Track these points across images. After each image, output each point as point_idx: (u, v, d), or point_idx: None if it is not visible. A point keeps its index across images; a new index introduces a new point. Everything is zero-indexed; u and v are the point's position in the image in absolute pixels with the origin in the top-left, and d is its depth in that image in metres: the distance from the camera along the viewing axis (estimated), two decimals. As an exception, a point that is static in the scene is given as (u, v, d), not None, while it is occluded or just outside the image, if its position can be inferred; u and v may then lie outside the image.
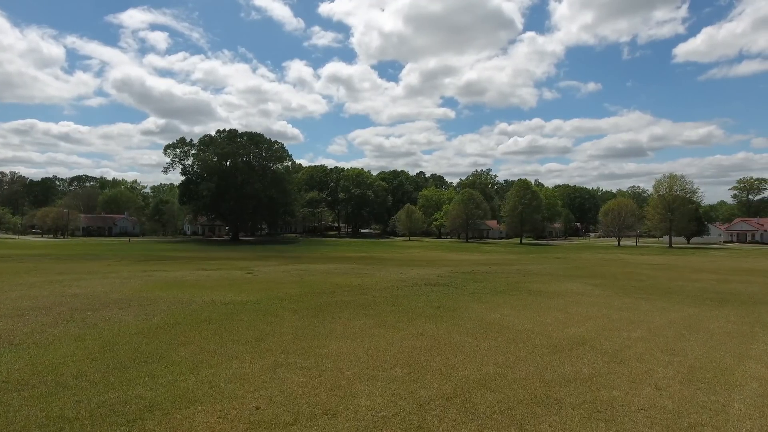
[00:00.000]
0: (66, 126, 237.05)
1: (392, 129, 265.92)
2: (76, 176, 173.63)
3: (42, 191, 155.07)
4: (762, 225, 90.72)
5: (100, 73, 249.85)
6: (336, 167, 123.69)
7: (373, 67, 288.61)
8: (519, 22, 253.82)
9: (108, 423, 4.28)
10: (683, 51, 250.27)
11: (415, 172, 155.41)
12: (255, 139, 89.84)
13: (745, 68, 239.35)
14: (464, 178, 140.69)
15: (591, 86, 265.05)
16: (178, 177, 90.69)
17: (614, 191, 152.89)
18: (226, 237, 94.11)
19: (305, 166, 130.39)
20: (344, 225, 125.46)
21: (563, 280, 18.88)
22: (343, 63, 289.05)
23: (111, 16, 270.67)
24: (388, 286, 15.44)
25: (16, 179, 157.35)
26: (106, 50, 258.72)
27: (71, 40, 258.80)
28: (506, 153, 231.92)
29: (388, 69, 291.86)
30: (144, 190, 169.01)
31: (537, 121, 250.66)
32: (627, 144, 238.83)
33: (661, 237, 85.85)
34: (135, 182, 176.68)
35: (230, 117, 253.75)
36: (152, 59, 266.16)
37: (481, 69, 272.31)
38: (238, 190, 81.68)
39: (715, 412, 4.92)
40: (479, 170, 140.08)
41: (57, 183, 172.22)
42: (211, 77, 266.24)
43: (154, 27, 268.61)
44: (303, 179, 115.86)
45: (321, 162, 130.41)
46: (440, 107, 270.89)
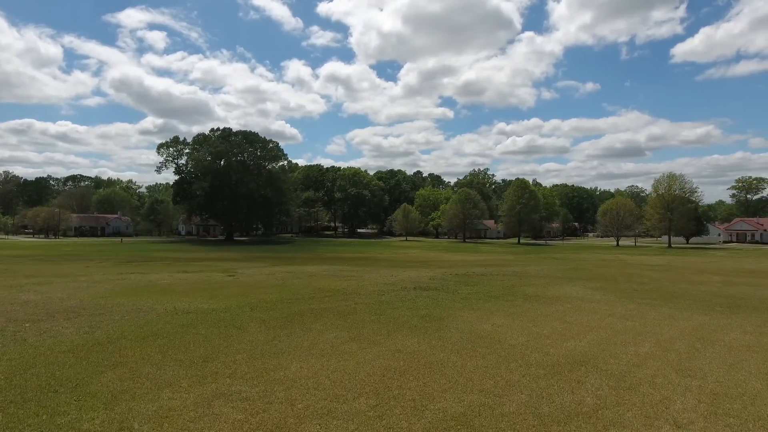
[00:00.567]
0: (64, 126, 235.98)
1: (391, 129, 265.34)
2: (71, 176, 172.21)
3: (36, 191, 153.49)
4: (762, 225, 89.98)
5: (98, 73, 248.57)
6: (332, 166, 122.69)
7: (372, 67, 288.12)
8: (518, 22, 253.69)
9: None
10: (681, 51, 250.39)
11: (413, 172, 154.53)
12: (249, 138, 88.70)
13: (743, 68, 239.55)
14: (462, 178, 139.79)
15: (589, 86, 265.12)
16: (174, 177, 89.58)
17: (612, 191, 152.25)
18: (221, 237, 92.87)
19: (301, 166, 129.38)
20: (341, 225, 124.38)
21: (561, 283, 17.86)
22: (342, 63, 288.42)
23: (109, 16, 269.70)
24: (374, 291, 14.39)
25: (10, 179, 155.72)
26: (104, 50, 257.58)
27: (69, 40, 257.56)
28: (504, 153, 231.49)
29: (387, 69, 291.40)
30: (140, 190, 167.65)
31: (535, 121, 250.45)
32: (625, 144, 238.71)
33: (660, 237, 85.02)
34: (130, 182, 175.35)
35: (228, 117, 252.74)
36: (150, 59, 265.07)
37: (480, 69, 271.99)
38: (232, 190, 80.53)
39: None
40: (477, 170, 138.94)
41: (52, 183, 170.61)
42: (210, 77, 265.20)
43: (152, 26, 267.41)
44: (299, 178, 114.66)
45: (319, 162, 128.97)
46: (439, 107, 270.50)
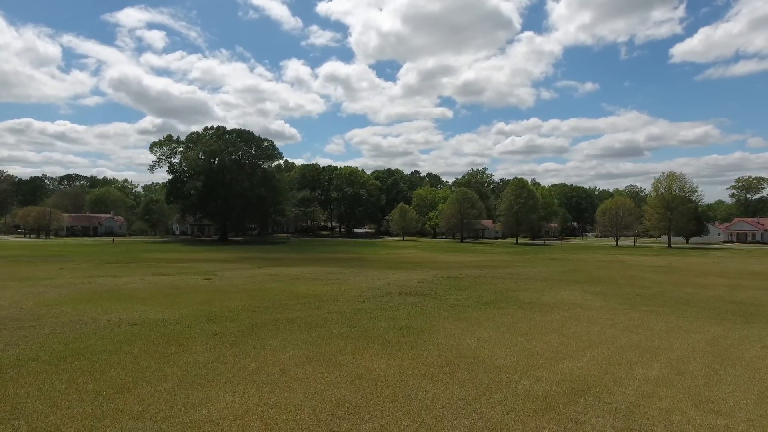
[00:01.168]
0: (62, 125, 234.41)
1: (390, 128, 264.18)
2: (66, 175, 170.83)
3: (31, 190, 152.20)
4: (762, 225, 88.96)
5: (97, 72, 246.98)
6: (329, 166, 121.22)
7: (371, 67, 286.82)
8: (517, 22, 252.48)
9: None
10: (680, 51, 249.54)
11: (411, 172, 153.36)
12: (244, 137, 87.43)
13: (742, 68, 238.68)
14: (460, 178, 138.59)
15: (588, 86, 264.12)
16: (168, 176, 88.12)
17: (611, 190, 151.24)
18: (215, 237, 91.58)
19: (298, 165, 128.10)
20: (338, 225, 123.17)
21: (559, 287, 16.70)
22: (341, 62, 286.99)
23: (108, 15, 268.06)
24: (355, 297, 13.22)
25: (5, 178, 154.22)
26: (103, 49, 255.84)
27: (67, 39, 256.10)
28: (503, 153, 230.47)
29: (386, 68, 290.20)
30: (136, 189, 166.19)
31: (534, 121, 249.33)
32: (624, 144, 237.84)
33: (660, 237, 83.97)
34: (126, 181, 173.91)
35: (227, 116, 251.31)
36: (149, 58, 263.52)
37: (479, 69, 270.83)
38: (226, 189, 79.24)
39: None
40: (475, 169, 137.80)
41: (47, 182, 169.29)
42: (209, 76, 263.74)
43: (151, 26, 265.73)
44: (295, 178, 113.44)
45: (318, 162, 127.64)
46: (438, 107, 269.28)
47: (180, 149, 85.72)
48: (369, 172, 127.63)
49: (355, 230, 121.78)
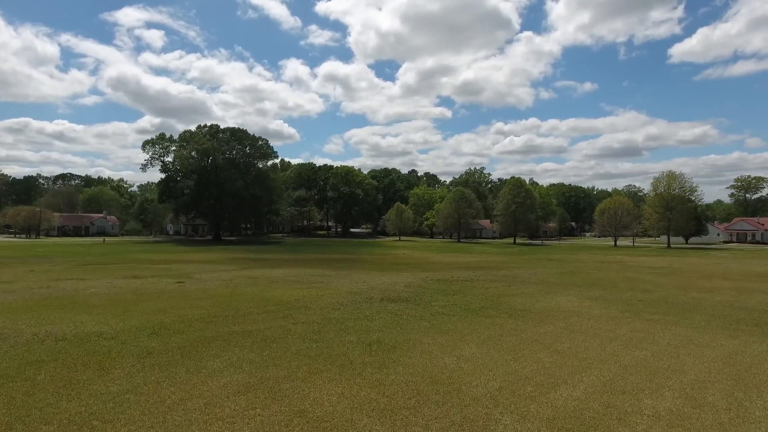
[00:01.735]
0: (60, 125, 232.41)
1: (389, 128, 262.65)
2: (61, 174, 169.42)
3: (25, 190, 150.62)
4: (762, 224, 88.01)
5: (95, 72, 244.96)
6: (325, 165, 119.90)
7: (370, 67, 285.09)
8: (516, 22, 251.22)
9: None
10: (679, 51, 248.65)
11: (408, 171, 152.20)
12: (238, 135, 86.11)
13: (740, 68, 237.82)
14: (458, 177, 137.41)
15: (587, 86, 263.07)
16: (161, 175, 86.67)
17: (609, 190, 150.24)
18: (209, 237, 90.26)
19: (294, 164, 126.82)
20: (334, 225, 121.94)
21: (555, 291, 15.56)
22: (340, 62, 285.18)
23: (106, 14, 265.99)
24: (331, 303, 12.06)
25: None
26: (101, 48, 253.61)
27: (66, 38, 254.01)
28: (502, 152, 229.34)
29: (385, 68, 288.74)
30: (131, 189, 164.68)
31: (533, 121, 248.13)
32: (622, 144, 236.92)
33: (659, 237, 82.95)
34: (121, 180, 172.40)
35: (226, 116, 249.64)
36: (148, 57, 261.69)
37: (478, 68, 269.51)
38: (219, 188, 77.95)
39: None
40: (472, 168, 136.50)
41: (41, 181, 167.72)
42: (207, 76, 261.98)
43: (150, 25, 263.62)
44: (290, 177, 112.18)
45: (317, 162, 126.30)
46: (437, 107, 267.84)
47: (173, 148, 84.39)
48: (366, 172, 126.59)
49: (352, 230, 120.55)
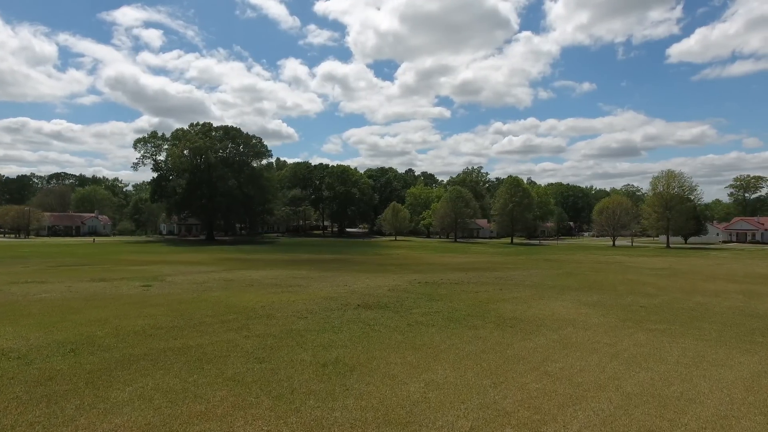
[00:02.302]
0: (58, 124, 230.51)
1: (387, 128, 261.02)
2: (55, 174, 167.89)
3: (18, 189, 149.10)
4: (762, 224, 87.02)
5: (93, 71, 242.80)
6: (320, 164, 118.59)
7: (369, 66, 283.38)
8: (515, 22, 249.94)
9: None
10: (677, 51, 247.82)
11: (405, 170, 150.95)
12: (231, 134, 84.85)
13: (738, 69, 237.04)
14: (455, 176, 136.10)
15: (586, 86, 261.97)
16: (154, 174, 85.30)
17: (608, 190, 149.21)
18: (202, 237, 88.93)
19: (289, 163, 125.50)
20: (330, 224, 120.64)
21: (549, 296, 14.37)
22: (339, 62, 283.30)
23: (104, 14, 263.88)
24: (300, 311, 10.84)
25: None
26: (99, 48, 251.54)
27: (64, 38, 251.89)
28: (501, 152, 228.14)
29: (384, 68, 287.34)
30: (126, 188, 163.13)
31: (532, 121, 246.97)
32: (621, 143, 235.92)
33: (657, 236, 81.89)
34: (116, 180, 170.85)
35: (225, 116, 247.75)
36: (146, 57, 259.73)
37: (477, 68, 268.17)
38: (211, 187, 76.65)
39: None
40: (470, 168, 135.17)
41: (35, 181, 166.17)
42: (206, 75, 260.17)
43: (149, 24, 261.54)
44: (286, 176, 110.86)
45: (316, 161, 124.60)
46: (435, 106, 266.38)
47: (165, 146, 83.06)
48: (363, 171, 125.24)
49: (348, 230, 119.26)
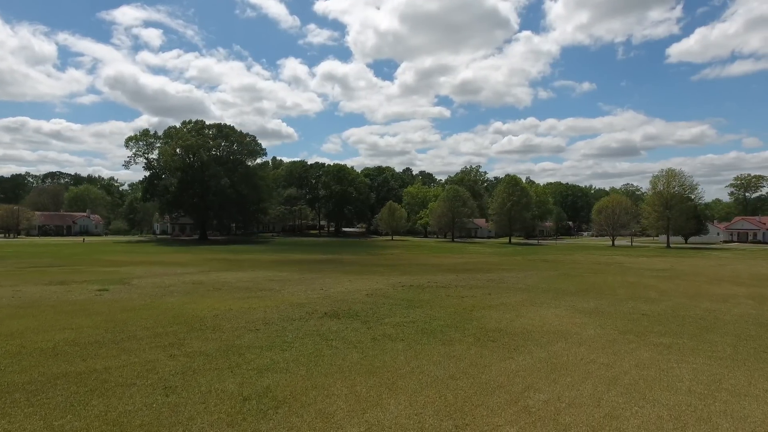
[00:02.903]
0: (58, 124, 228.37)
1: (387, 128, 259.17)
2: (50, 173, 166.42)
3: (12, 188, 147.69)
4: (764, 224, 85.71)
5: (93, 71, 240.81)
6: (316, 162, 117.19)
7: (369, 66, 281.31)
8: (515, 22, 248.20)
9: None
10: (677, 51, 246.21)
11: (402, 169, 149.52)
12: (224, 132, 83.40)
13: (738, 68, 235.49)
14: (453, 175, 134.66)
15: (585, 86, 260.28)
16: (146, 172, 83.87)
17: (607, 189, 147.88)
18: (195, 236, 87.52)
19: (285, 162, 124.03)
20: (327, 224, 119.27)
21: (542, 302, 13.03)
22: (339, 61, 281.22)
23: (104, 13, 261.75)
24: (254, 321, 9.50)
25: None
26: (99, 47, 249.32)
27: (63, 37, 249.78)
28: (500, 152, 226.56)
29: (384, 68, 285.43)
30: (122, 188, 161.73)
31: (531, 120, 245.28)
32: (620, 143, 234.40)
33: (657, 236, 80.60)
34: (112, 179, 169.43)
35: (224, 115, 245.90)
36: (146, 57, 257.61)
37: (477, 68, 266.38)
38: (203, 186, 75.24)
39: None
40: (468, 167, 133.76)
41: (30, 180, 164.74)
42: (206, 75, 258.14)
43: (148, 24, 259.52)
44: (281, 175, 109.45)
45: (315, 161, 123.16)
46: (435, 106, 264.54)
47: (158, 145, 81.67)
48: (360, 171, 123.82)
49: (345, 229, 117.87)
